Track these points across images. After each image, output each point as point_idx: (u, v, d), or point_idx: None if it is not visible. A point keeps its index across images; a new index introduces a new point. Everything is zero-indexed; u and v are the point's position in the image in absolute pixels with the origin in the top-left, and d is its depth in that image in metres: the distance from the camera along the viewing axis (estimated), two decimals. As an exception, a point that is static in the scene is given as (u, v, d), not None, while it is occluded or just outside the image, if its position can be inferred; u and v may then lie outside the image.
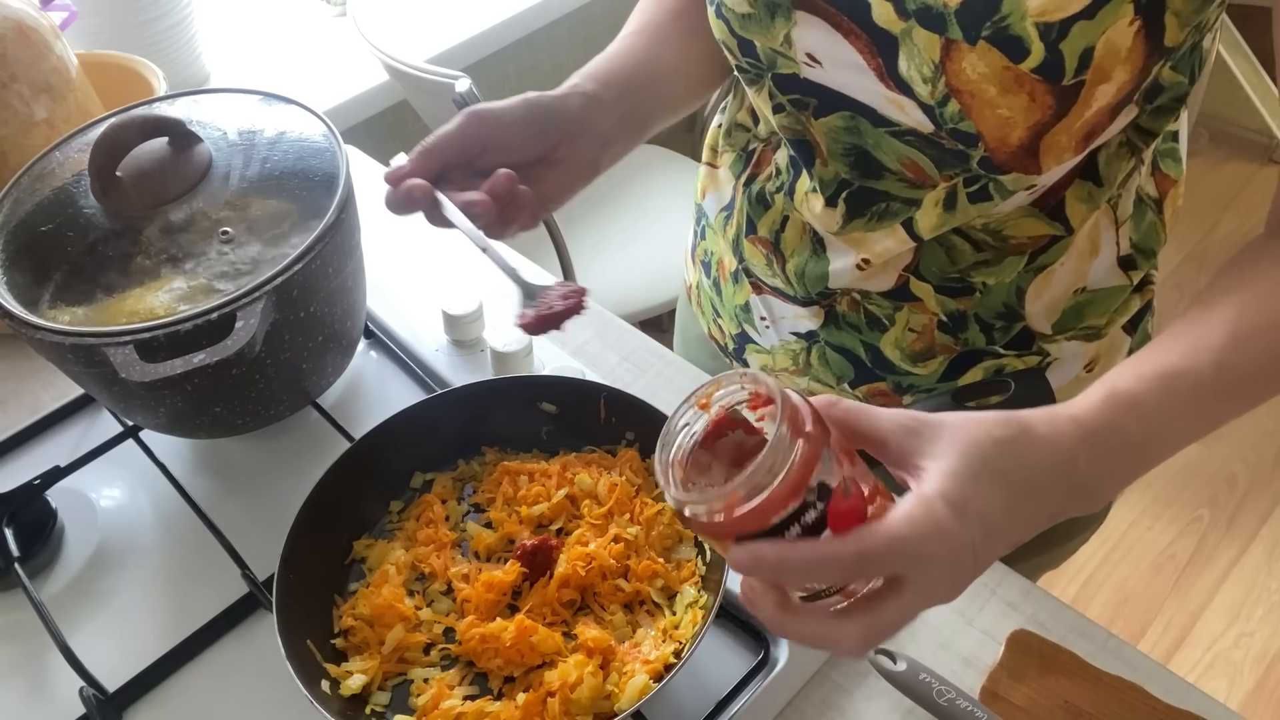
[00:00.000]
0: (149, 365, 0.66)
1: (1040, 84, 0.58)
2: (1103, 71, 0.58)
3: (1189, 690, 0.68)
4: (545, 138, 0.69)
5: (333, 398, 0.88)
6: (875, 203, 0.71)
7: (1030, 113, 0.59)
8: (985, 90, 0.59)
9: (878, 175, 0.70)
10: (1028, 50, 0.57)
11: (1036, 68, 0.57)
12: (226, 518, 0.78)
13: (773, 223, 0.79)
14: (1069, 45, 0.56)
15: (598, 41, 0.78)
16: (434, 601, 0.70)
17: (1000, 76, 0.58)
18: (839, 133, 0.69)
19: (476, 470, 0.78)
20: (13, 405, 0.92)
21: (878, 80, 0.64)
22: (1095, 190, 0.69)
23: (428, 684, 0.65)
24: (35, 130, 0.92)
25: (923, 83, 0.61)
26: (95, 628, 0.74)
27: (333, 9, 1.85)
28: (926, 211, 0.69)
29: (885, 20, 0.61)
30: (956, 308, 0.75)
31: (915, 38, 0.60)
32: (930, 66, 0.60)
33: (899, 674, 0.65)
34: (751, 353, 0.89)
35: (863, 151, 0.69)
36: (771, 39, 0.67)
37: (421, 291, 0.96)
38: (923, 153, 0.66)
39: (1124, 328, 0.79)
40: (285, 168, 0.79)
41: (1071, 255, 0.72)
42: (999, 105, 0.60)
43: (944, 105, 0.61)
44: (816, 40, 0.65)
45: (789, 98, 0.70)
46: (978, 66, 0.59)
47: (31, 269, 0.74)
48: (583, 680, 0.62)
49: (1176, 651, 1.82)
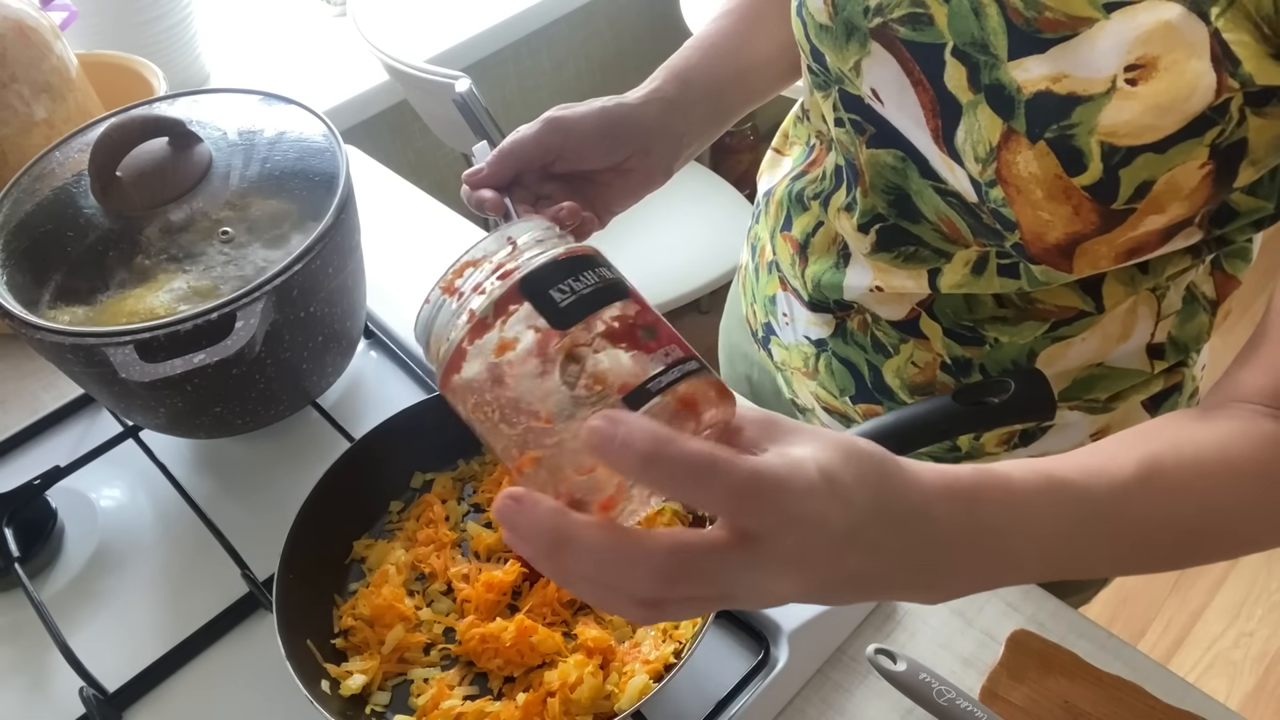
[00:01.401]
0: (149, 365, 0.66)
1: (1088, 201, 0.54)
2: (1158, 204, 0.53)
3: (1189, 690, 0.67)
4: (618, 149, 0.68)
5: (333, 398, 0.88)
6: (906, 244, 0.69)
7: (1072, 223, 0.56)
8: (1032, 190, 0.56)
9: (914, 220, 0.67)
10: (1085, 166, 0.53)
11: (1089, 186, 0.53)
12: (226, 518, 0.78)
13: (805, 225, 0.77)
14: (1129, 173, 0.52)
15: (598, 41, 0.78)
16: (434, 601, 0.70)
17: (1050, 183, 0.55)
18: (885, 169, 0.66)
19: (476, 470, 0.78)
20: (13, 405, 0.92)
21: (932, 141, 0.61)
22: (1139, 276, 0.65)
23: (428, 684, 0.65)
24: (35, 130, 0.92)
25: (974, 160, 0.58)
26: (95, 628, 0.74)
27: (333, 9, 1.85)
28: (955, 268, 0.67)
29: (955, 86, 0.57)
30: (963, 354, 0.72)
31: (980, 114, 0.56)
32: (986, 147, 0.57)
33: (899, 674, 0.65)
34: (774, 345, 0.88)
35: (904, 194, 0.66)
36: (842, 60, 0.64)
37: (421, 291, 0.96)
38: (961, 216, 0.64)
39: (1144, 404, 0.74)
40: (285, 168, 0.79)
41: (1097, 333, 0.69)
42: (1042, 208, 0.56)
43: (991, 187, 0.58)
44: (885, 78, 0.62)
45: (851, 116, 0.67)
46: (1031, 165, 0.55)
47: (31, 269, 0.74)
48: (583, 680, 0.62)
49: (1176, 651, 1.82)
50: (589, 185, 0.68)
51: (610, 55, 2.19)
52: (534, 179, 0.66)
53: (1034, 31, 0.53)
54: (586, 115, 0.67)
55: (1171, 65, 0.49)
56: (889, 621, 0.72)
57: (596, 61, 2.17)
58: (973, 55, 0.56)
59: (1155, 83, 0.50)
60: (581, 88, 2.18)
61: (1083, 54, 0.52)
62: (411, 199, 1.12)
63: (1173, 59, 0.49)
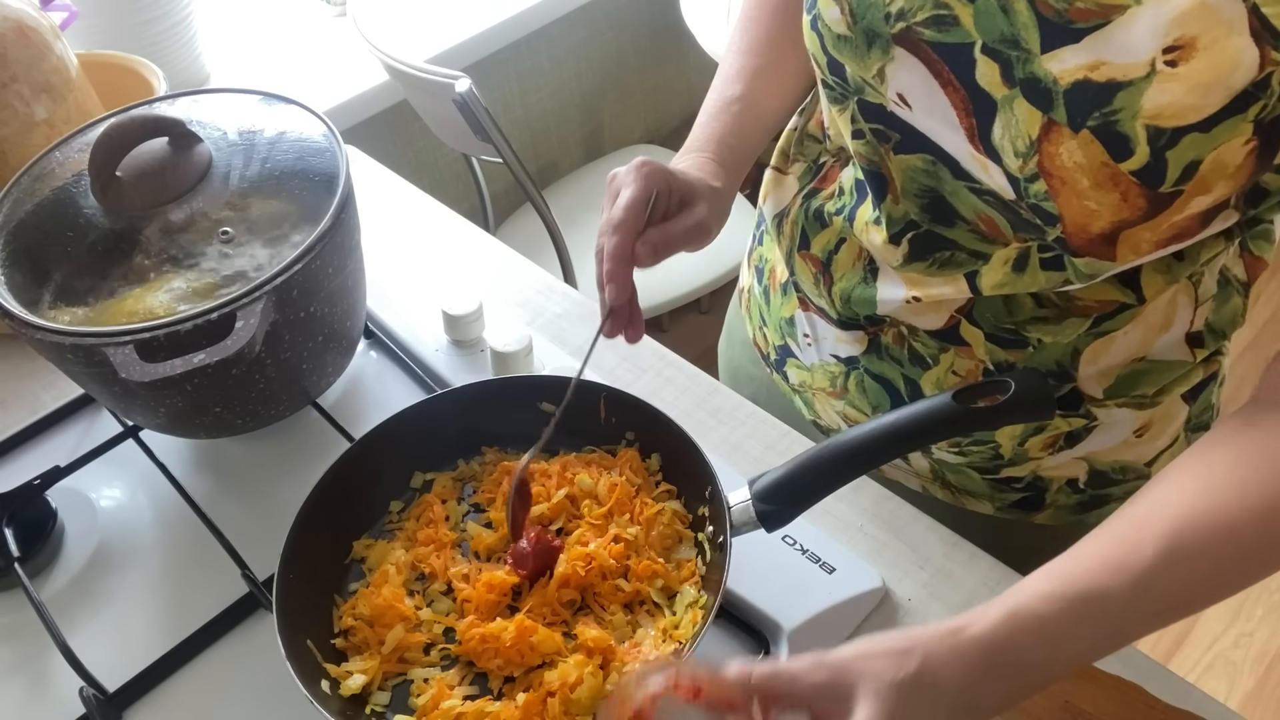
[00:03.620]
0: (149, 365, 0.66)
1: (1136, 186, 0.55)
2: (1205, 184, 0.54)
3: (1189, 690, 0.67)
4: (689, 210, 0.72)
5: (333, 398, 0.88)
6: (941, 249, 0.68)
7: (1119, 211, 0.56)
8: (1078, 180, 0.56)
9: (949, 223, 0.67)
10: (1132, 151, 0.53)
11: (1137, 170, 0.54)
12: (226, 518, 0.78)
13: (827, 243, 0.76)
14: (1176, 154, 0.53)
15: (598, 41, 0.79)
16: (434, 601, 0.70)
17: (1097, 171, 0.55)
18: (917, 173, 0.66)
19: (476, 470, 0.78)
20: (13, 405, 0.92)
21: (966, 140, 0.60)
22: (1176, 265, 0.65)
23: (428, 684, 0.65)
24: (35, 130, 0.92)
25: (1014, 155, 0.58)
26: (95, 628, 0.74)
27: (333, 9, 1.85)
28: (994, 268, 0.66)
29: (988, 83, 0.57)
30: (1006, 359, 0.71)
31: (1016, 109, 0.56)
32: (1025, 141, 0.57)
33: (899, 674, 0.65)
34: (791, 367, 0.86)
35: (939, 196, 0.66)
36: (864, 69, 0.64)
37: (421, 291, 0.96)
38: (1000, 214, 0.64)
39: (1183, 396, 0.75)
40: (285, 168, 0.79)
41: (1139, 325, 0.69)
42: (1088, 198, 0.56)
43: (1031, 182, 0.58)
44: (911, 82, 0.62)
45: (872, 126, 0.67)
46: (1075, 155, 0.55)
47: (31, 269, 0.74)
48: (583, 680, 0.62)
49: (1176, 651, 1.82)
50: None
51: (610, 55, 2.19)
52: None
53: (1066, 22, 0.53)
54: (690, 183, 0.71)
55: (1211, 44, 0.50)
56: (889, 621, 0.72)
57: (596, 61, 2.17)
58: (1004, 52, 0.56)
59: (1196, 62, 0.50)
60: (581, 88, 2.18)
61: (1118, 40, 0.52)
62: (411, 199, 1.13)
63: (1212, 37, 0.50)
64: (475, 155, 1.74)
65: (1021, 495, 0.79)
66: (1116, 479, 0.77)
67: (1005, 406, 0.62)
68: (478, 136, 1.51)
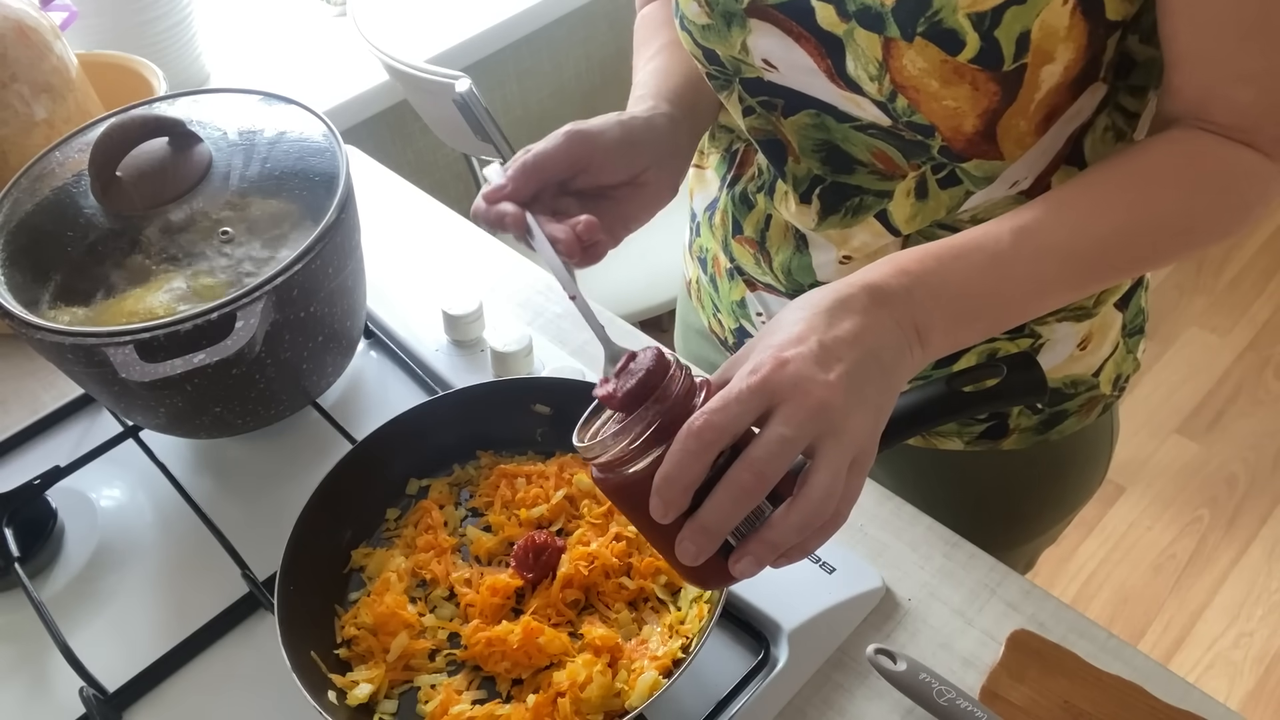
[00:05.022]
0: (149, 365, 0.66)
1: (980, 73, 0.59)
2: (1044, 53, 0.58)
3: (1189, 690, 0.68)
4: (636, 160, 0.68)
5: (333, 398, 0.88)
6: (849, 198, 0.72)
7: (977, 101, 0.60)
8: (928, 84, 0.60)
9: (849, 170, 0.71)
10: (963, 42, 0.58)
11: (974, 58, 0.58)
12: (226, 518, 0.78)
13: (757, 222, 0.80)
14: (1003, 32, 0.57)
15: (598, 41, 0.79)
16: (437, 607, 0.70)
17: (940, 70, 0.60)
18: (808, 129, 0.70)
19: (472, 474, 0.78)
20: (13, 405, 0.92)
21: (829, 81, 0.65)
22: (1077, 170, 0.68)
23: (435, 690, 0.65)
24: (35, 130, 0.92)
25: (870, 80, 0.63)
26: (95, 628, 0.74)
27: (333, 9, 1.85)
28: (899, 202, 0.70)
29: (828, 23, 0.62)
30: None
31: (858, 38, 0.61)
32: (875, 65, 0.62)
33: (899, 674, 0.65)
34: None
35: (833, 146, 0.70)
36: (730, 47, 0.69)
37: (421, 291, 0.96)
38: (888, 144, 0.67)
39: (1116, 304, 0.79)
40: (285, 168, 0.79)
41: None
42: (944, 97, 0.61)
43: (893, 101, 0.62)
44: (770, 46, 0.67)
45: (758, 99, 0.72)
46: (917, 62, 0.60)
47: (31, 269, 0.74)
48: (592, 679, 0.61)
49: (1176, 651, 1.83)
50: (604, 201, 0.68)
51: (610, 55, 2.19)
52: (550, 195, 0.66)
53: None
54: (607, 126, 0.67)
55: None
56: (889, 621, 0.72)
57: (596, 61, 2.17)
58: None
59: None
60: (581, 88, 2.18)
61: None
62: (411, 199, 1.13)
63: None
64: (475, 155, 1.74)
65: (986, 425, 0.83)
66: (1069, 393, 0.82)
67: (998, 390, 0.63)
68: (478, 136, 1.50)
